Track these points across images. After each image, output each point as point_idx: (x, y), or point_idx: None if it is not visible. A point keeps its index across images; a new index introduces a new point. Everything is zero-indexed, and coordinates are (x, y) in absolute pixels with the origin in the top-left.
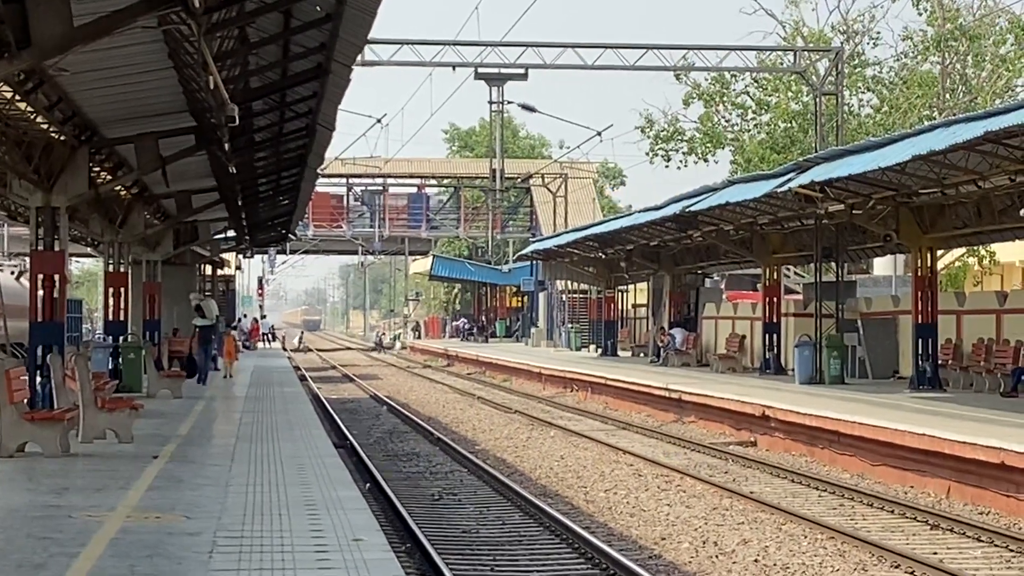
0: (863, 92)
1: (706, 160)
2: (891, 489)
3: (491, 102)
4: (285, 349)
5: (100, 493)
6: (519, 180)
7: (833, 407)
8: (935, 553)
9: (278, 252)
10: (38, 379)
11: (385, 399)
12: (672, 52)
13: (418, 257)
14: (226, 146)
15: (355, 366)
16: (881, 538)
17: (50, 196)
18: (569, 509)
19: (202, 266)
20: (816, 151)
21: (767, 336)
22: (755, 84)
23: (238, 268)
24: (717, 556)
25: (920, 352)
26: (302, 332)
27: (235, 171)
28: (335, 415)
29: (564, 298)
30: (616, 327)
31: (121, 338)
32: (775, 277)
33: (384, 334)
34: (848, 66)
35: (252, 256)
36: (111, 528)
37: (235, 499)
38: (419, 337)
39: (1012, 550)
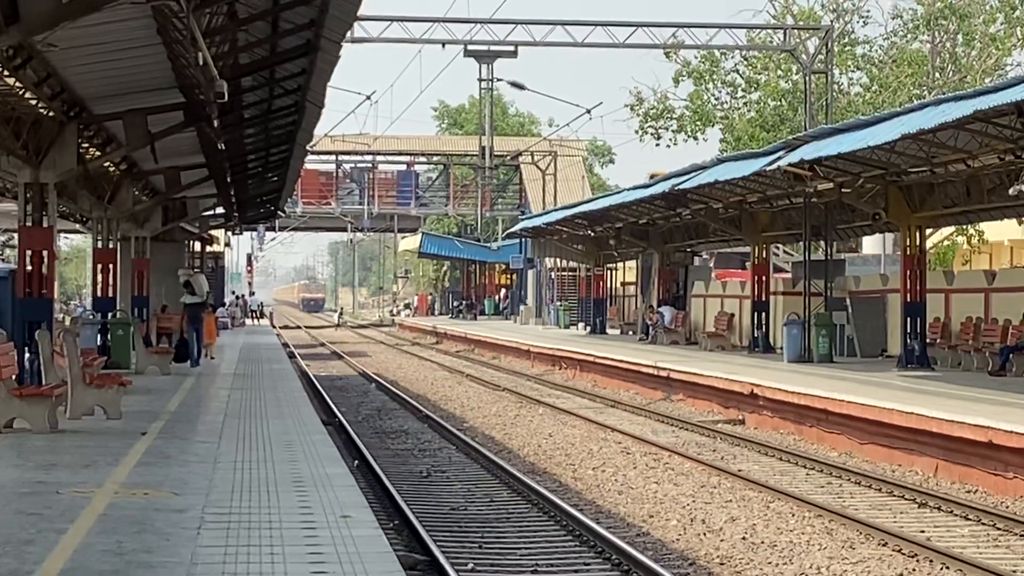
0: (853, 71)
1: (695, 138)
2: (879, 467)
3: (480, 79)
4: (274, 326)
5: (88, 469)
6: (508, 158)
7: (821, 385)
8: (923, 531)
9: (267, 229)
10: (26, 355)
11: (374, 376)
12: (662, 30)
13: (407, 234)
14: (215, 122)
15: (344, 343)
16: (869, 516)
17: (38, 172)
18: (557, 487)
19: (191, 243)
20: (805, 129)
21: (756, 314)
22: (745, 62)
23: (227, 245)
24: (705, 534)
25: (908, 331)
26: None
27: (224, 148)
28: (323, 392)
29: (553, 276)
30: (605, 305)
31: (110, 314)
32: (764, 255)
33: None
34: (838, 44)
35: (241, 233)
36: (99, 504)
37: (223, 476)
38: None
39: (999, 528)
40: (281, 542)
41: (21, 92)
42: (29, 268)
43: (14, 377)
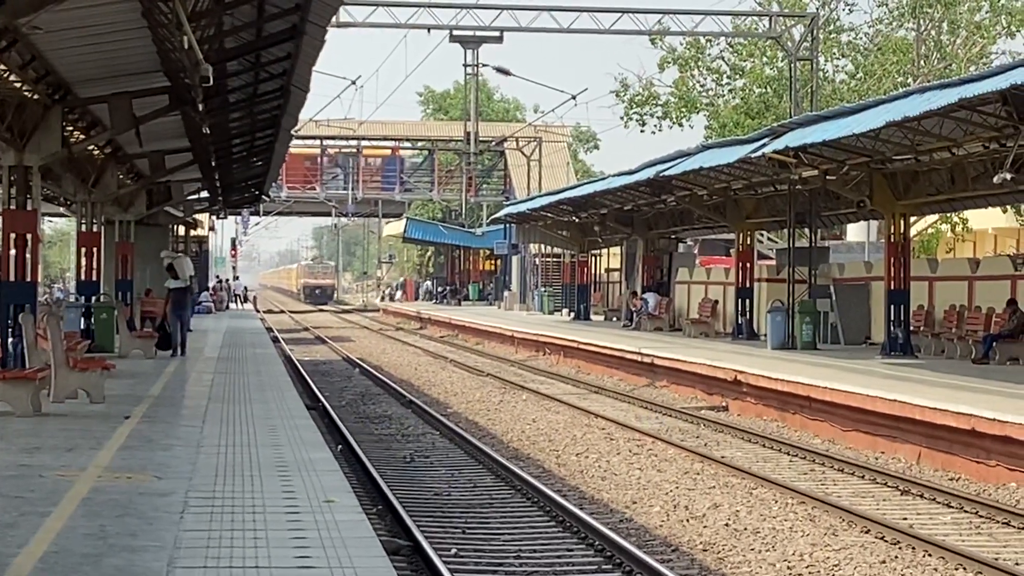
0: (838, 58)
1: (680, 125)
2: (862, 454)
3: (466, 65)
4: (258, 310)
5: (71, 453)
6: (493, 143)
7: (805, 372)
8: (905, 518)
9: (251, 213)
10: (10, 339)
11: (357, 361)
12: (647, 16)
13: (392, 219)
14: (200, 106)
15: (328, 328)
16: (851, 503)
17: (23, 155)
18: (541, 472)
19: (175, 227)
20: (791, 117)
21: (740, 301)
22: (730, 49)
23: (211, 229)
24: (688, 520)
25: (892, 318)
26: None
27: (209, 132)
28: (307, 377)
29: (537, 262)
30: (589, 291)
31: (94, 298)
32: (748, 242)
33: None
34: (823, 32)
35: (225, 217)
36: (82, 488)
37: (206, 460)
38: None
39: (981, 516)
40: (264, 526)
41: (5, 75)
42: (13, 251)
43: None
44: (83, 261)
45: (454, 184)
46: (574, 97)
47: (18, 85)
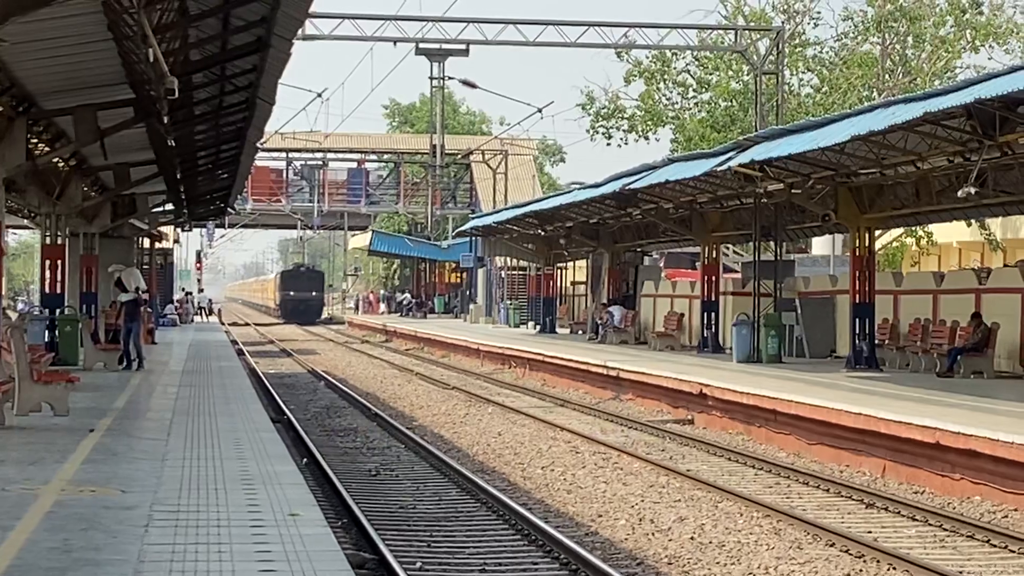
0: (803, 72)
1: (647, 138)
2: (827, 468)
3: (432, 78)
4: (223, 323)
5: (35, 466)
6: (459, 156)
7: (770, 386)
8: (870, 532)
9: (217, 226)
10: None
11: (323, 374)
12: (613, 29)
13: (357, 232)
14: (165, 119)
15: (293, 341)
16: (816, 516)
17: None
18: (506, 485)
19: (140, 239)
20: (756, 130)
21: (705, 314)
22: (696, 63)
23: (176, 242)
24: (654, 533)
25: (857, 332)
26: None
27: (174, 144)
28: (272, 390)
29: (503, 275)
30: (555, 304)
31: (58, 311)
32: (714, 255)
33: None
34: (788, 46)
35: (190, 229)
36: (46, 501)
37: (171, 473)
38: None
39: (946, 529)
40: (229, 540)
41: None
42: None
43: None
44: (47, 274)
45: (420, 197)
46: (540, 110)
47: None
